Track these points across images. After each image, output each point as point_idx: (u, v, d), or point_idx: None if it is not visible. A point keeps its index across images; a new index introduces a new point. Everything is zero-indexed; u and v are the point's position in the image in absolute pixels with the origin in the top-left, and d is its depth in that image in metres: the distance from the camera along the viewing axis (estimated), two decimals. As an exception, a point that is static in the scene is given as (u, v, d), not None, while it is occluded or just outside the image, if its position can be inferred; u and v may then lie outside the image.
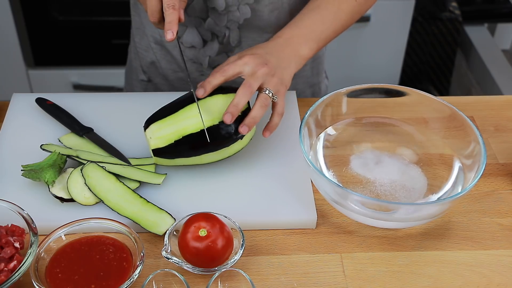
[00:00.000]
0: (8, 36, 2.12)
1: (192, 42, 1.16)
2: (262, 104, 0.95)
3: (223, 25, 1.12)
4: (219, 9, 1.09)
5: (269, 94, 0.96)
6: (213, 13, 1.11)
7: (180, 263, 0.86)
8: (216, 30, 1.13)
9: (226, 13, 1.10)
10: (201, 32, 1.14)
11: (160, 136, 0.95)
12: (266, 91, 0.96)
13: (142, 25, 1.23)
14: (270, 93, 0.96)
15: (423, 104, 1.03)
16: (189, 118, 0.95)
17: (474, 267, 0.90)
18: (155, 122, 0.96)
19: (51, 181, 0.94)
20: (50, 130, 1.08)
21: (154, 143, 0.95)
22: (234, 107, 0.93)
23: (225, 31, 1.13)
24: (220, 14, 1.10)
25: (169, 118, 0.95)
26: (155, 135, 0.95)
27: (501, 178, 1.04)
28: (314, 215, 0.95)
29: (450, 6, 2.28)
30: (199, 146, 0.95)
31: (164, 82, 1.27)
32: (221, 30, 1.13)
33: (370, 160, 1.02)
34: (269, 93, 0.96)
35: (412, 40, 2.30)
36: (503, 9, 2.42)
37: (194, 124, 0.94)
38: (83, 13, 2.12)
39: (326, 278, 0.88)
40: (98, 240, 0.87)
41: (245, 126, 0.95)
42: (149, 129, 0.96)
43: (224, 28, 1.13)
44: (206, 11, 1.11)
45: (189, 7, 1.10)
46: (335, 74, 2.28)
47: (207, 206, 0.94)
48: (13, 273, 0.80)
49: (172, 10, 0.97)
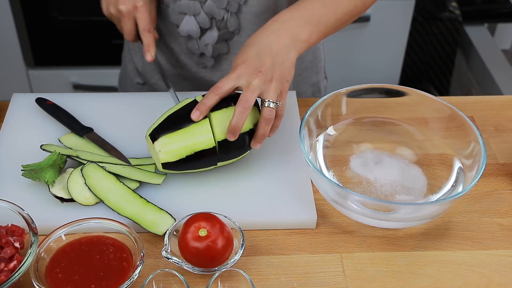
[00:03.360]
0: (8, 36, 2.12)
1: (189, 30, 1.15)
2: (267, 120, 0.94)
3: (223, 7, 1.10)
4: None
5: (271, 106, 0.93)
6: None
7: (180, 263, 0.86)
8: (215, 13, 1.11)
9: None
10: (198, 20, 1.13)
11: (171, 150, 0.93)
12: (267, 103, 0.93)
13: None
14: (271, 104, 0.93)
15: (423, 104, 1.03)
16: (202, 134, 0.93)
17: (474, 267, 0.90)
18: (165, 135, 0.93)
19: (51, 181, 0.94)
20: (50, 130, 1.08)
21: (164, 157, 0.93)
22: (235, 127, 0.92)
23: (224, 14, 1.12)
24: None
25: (180, 132, 0.93)
26: (164, 149, 0.93)
27: (501, 178, 1.04)
28: (314, 215, 0.95)
29: (450, 6, 2.28)
30: (210, 160, 0.95)
31: (162, 83, 1.26)
32: (220, 13, 1.12)
33: (370, 160, 1.02)
34: (269, 104, 0.93)
35: (412, 40, 2.30)
36: (503, 9, 2.42)
37: (207, 140, 0.93)
38: (83, 13, 2.12)
39: (326, 278, 0.88)
40: (98, 240, 0.87)
41: (257, 144, 0.96)
42: (158, 141, 0.93)
43: (224, 11, 1.11)
44: None
45: None
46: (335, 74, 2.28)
47: (207, 206, 0.94)
48: (13, 273, 0.80)
49: (148, 33, 1.07)
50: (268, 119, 0.94)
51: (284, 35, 0.97)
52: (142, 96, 1.20)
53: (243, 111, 0.92)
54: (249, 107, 0.92)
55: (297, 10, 0.99)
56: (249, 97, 0.92)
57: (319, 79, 1.33)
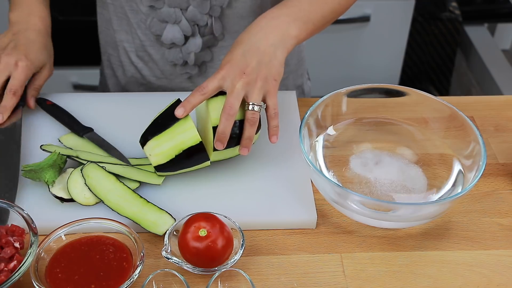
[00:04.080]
0: (8, 36, 2.12)
1: (172, 38, 1.13)
2: (251, 122, 0.93)
3: (205, 13, 1.09)
4: None
5: (254, 109, 0.93)
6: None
7: (180, 263, 0.86)
8: (198, 19, 1.10)
9: None
10: (182, 28, 1.12)
11: (159, 152, 0.94)
12: (250, 107, 0.93)
13: (121, 41, 1.21)
14: (254, 107, 0.93)
15: (423, 104, 1.03)
16: (186, 131, 0.93)
17: (474, 267, 0.90)
18: (152, 138, 0.94)
19: (51, 181, 0.94)
20: (50, 130, 1.08)
21: (155, 160, 0.94)
22: (222, 135, 0.92)
23: (208, 19, 1.11)
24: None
25: (165, 133, 0.93)
26: (154, 152, 0.94)
27: (501, 178, 1.04)
28: (314, 215, 0.95)
29: (450, 6, 2.28)
30: (201, 157, 0.95)
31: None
32: (204, 19, 1.10)
33: (370, 160, 1.02)
34: (253, 108, 0.93)
35: (412, 40, 2.30)
36: (503, 9, 2.42)
37: (192, 137, 0.93)
38: (83, 13, 2.12)
39: (326, 278, 0.88)
40: (98, 240, 0.87)
41: (244, 148, 0.95)
42: (147, 146, 0.95)
43: (207, 16, 1.10)
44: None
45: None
46: (335, 74, 2.29)
47: (207, 206, 0.94)
48: (13, 273, 0.79)
49: (12, 95, 1.02)
50: (252, 122, 0.93)
51: (272, 32, 0.96)
52: (143, 96, 1.20)
53: (228, 118, 0.92)
54: (234, 113, 0.92)
55: (286, 7, 0.99)
56: (233, 103, 0.92)
57: (303, 81, 1.33)
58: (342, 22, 2.12)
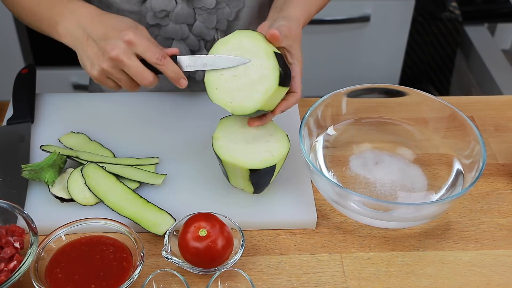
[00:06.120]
0: (8, 36, 2.12)
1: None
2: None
3: (212, 27, 1.09)
4: (209, 7, 1.05)
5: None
6: (201, 14, 1.07)
7: (180, 263, 0.86)
8: (205, 34, 1.09)
9: (215, 11, 1.07)
10: (188, 43, 1.10)
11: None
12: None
13: None
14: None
15: (423, 104, 1.03)
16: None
17: (474, 267, 0.90)
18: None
19: (51, 181, 0.94)
20: (50, 130, 1.08)
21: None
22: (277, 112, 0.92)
23: (214, 34, 1.10)
24: (210, 13, 1.07)
25: None
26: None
27: (501, 178, 1.04)
28: (314, 215, 0.95)
29: (450, 6, 2.28)
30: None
31: None
32: (210, 34, 1.10)
33: (370, 160, 1.02)
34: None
35: (412, 40, 2.30)
36: (503, 9, 2.42)
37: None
38: (83, 13, 2.12)
39: (326, 278, 0.88)
40: (98, 240, 0.87)
41: (256, 122, 0.93)
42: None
43: (213, 31, 1.10)
44: (193, 15, 1.06)
45: (174, 13, 1.05)
46: (335, 74, 2.29)
47: (207, 206, 0.94)
48: (13, 273, 0.80)
49: (164, 59, 0.91)
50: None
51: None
52: (143, 96, 1.20)
53: (295, 103, 0.93)
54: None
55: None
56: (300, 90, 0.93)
57: None
58: (342, 22, 2.12)
